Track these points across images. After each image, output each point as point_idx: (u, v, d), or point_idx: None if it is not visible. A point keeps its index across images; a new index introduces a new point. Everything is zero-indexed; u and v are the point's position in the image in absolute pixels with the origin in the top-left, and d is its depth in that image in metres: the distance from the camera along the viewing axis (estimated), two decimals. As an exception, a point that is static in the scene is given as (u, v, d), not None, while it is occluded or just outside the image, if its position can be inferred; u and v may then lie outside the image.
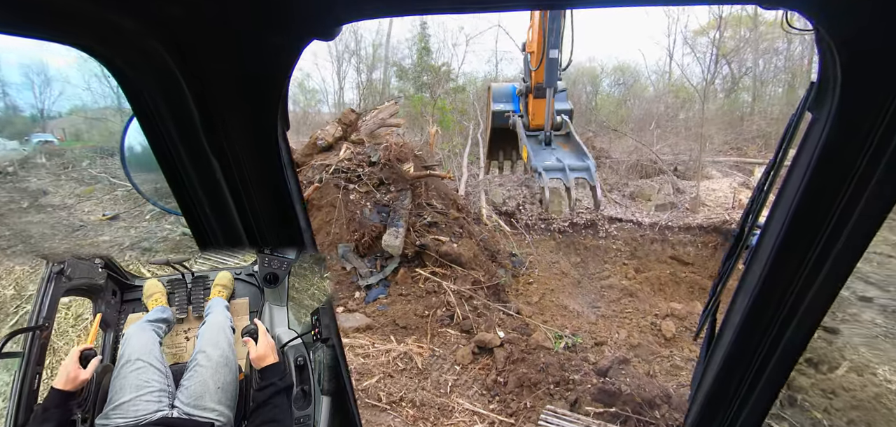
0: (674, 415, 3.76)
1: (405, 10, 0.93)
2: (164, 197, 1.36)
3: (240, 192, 1.04)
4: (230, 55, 0.85)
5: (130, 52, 0.83)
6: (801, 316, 1.12)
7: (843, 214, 0.96)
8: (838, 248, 1.00)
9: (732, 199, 11.28)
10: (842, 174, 0.91)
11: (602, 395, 3.91)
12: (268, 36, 0.83)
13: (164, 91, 0.88)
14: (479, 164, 12.02)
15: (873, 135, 0.84)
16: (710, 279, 8.83)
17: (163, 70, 0.83)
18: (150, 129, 0.94)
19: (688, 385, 4.17)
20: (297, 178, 1.12)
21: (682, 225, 10.04)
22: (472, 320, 5.52)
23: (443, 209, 7.88)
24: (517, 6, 0.96)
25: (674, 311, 6.15)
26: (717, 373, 1.35)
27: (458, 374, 4.83)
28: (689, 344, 5.27)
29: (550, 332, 5.17)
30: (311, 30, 0.83)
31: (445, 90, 14.89)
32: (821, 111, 0.89)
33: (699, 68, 22.12)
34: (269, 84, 0.89)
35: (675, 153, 14.87)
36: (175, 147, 0.96)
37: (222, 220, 1.09)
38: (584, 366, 4.42)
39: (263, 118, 0.93)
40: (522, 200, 10.95)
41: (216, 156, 0.97)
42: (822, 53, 0.82)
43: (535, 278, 7.81)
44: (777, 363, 1.23)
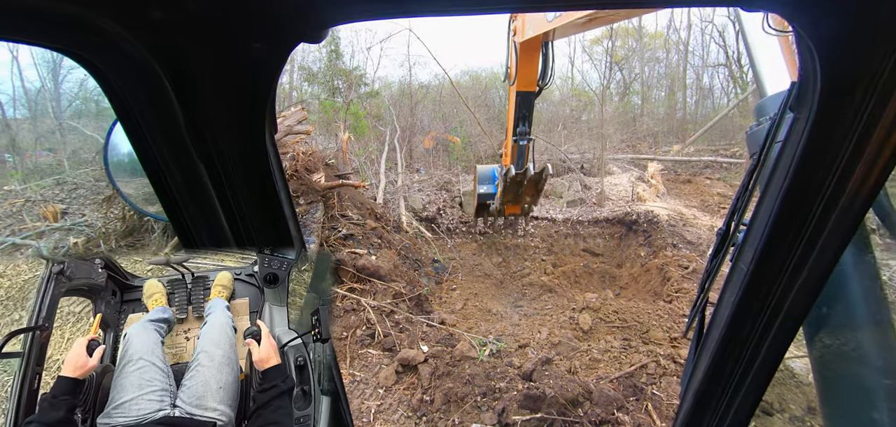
0: (595, 410, 3.81)
1: (393, 12, 0.87)
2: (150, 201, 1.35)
3: (227, 195, 1.03)
4: (216, 58, 0.83)
5: (114, 56, 0.81)
6: (787, 309, 1.16)
7: (825, 210, 0.98)
8: (822, 243, 1.03)
9: (631, 191, 12.33)
10: (823, 171, 0.93)
11: (528, 402, 3.84)
12: (255, 38, 0.81)
13: (148, 95, 0.87)
14: (397, 171, 11.72)
15: (853, 132, 0.85)
16: (617, 267, 9.50)
17: (147, 73, 0.82)
18: (134, 134, 0.93)
19: (607, 377, 4.29)
20: (285, 180, 1.12)
21: (591, 219, 10.71)
22: (395, 337, 5.19)
23: (359, 220, 7.44)
24: (503, 8, 0.92)
25: (589, 302, 6.41)
26: (706, 369, 1.39)
27: (381, 398, 4.48)
28: (605, 335, 5.50)
29: (475, 339, 5.04)
30: (298, 32, 0.82)
31: (359, 95, 14.34)
32: (802, 110, 0.92)
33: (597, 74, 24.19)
34: (256, 86, 0.88)
35: (581, 152, 15.96)
36: (160, 151, 0.95)
37: (209, 223, 1.08)
38: (510, 371, 4.34)
39: (251, 120, 0.93)
40: (443, 205, 10.87)
41: (202, 159, 0.96)
42: (801, 54, 0.85)
43: (459, 284, 7.71)
44: (765, 357, 1.27)
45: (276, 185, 1.05)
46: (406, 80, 17.14)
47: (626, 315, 5.95)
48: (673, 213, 10.56)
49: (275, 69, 0.86)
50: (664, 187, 13.23)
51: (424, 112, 17.52)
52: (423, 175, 13.03)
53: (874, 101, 0.81)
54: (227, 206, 1.05)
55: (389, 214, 9.20)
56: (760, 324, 1.21)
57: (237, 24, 0.79)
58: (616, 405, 3.86)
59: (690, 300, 6.20)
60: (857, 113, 0.83)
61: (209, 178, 0.99)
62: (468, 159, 14.19)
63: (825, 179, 0.94)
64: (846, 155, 0.89)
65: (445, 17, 1.44)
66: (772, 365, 1.29)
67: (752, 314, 1.21)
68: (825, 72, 0.81)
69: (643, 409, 3.89)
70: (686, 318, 5.82)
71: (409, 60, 16.24)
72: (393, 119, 14.16)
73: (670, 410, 3.86)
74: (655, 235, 9.24)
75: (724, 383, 1.38)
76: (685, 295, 6.44)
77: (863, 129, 0.85)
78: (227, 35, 0.80)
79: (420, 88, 17.83)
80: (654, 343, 5.17)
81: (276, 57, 0.84)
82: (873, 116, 0.82)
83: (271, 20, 0.79)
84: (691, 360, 1.50)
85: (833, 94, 0.83)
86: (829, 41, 0.77)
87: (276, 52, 0.83)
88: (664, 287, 7.12)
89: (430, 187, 11.77)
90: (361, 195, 9.04)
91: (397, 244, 7.96)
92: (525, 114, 6.18)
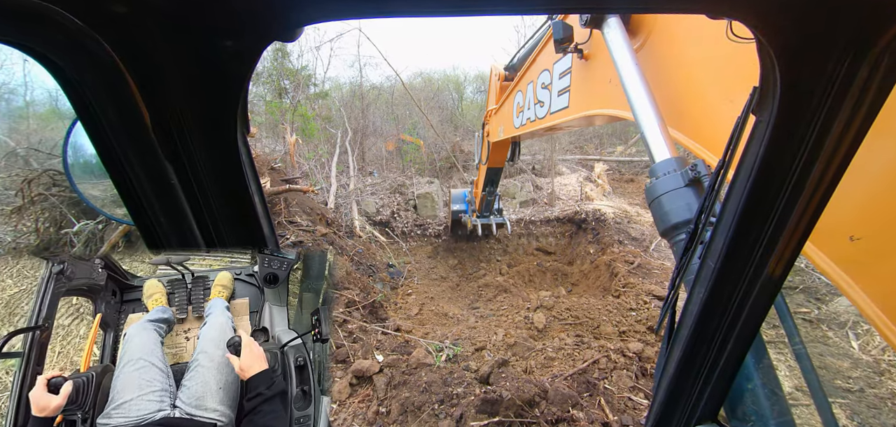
0: (551, 409, 3.85)
1: (369, 12, 0.84)
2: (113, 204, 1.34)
3: (197, 197, 1.01)
4: (186, 55, 0.80)
5: (74, 52, 0.76)
6: (752, 302, 1.21)
7: (785, 208, 1.03)
8: (782, 240, 1.08)
9: (580, 191, 12.80)
10: (783, 172, 0.98)
11: (485, 406, 3.81)
12: (226, 36, 0.79)
13: (111, 93, 0.83)
14: (349, 174, 11.39)
15: (811, 132, 0.90)
16: (569, 264, 9.80)
17: (110, 71, 0.78)
18: (96, 134, 0.88)
19: (561, 375, 4.36)
20: (259, 181, 1.10)
21: (543, 218, 10.98)
22: (348, 348, 4.99)
23: (308, 226, 7.12)
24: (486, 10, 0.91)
25: (542, 301, 6.53)
26: (678, 362, 1.43)
27: (335, 413, 4.26)
28: (559, 332, 5.61)
29: (432, 345, 4.95)
30: (271, 31, 0.80)
31: (307, 96, 13.80)
32: (763, 114, 0.96)
33: (545, 77, 24.84)
34: (227, 84, 0.86)
35: (531, 153, 16.36)
36: (124, 151, 0.91)
37: (178, 225, 1.04)
38: (467, 376, 4.29)
39: (222, 119, 0.91)
40: (397, 208, 10.69)
41: (170, 159, 0.94)
42: (762, 60, 0.88)
43: (414, 288, 7.59)
44: (733, 348, 1.32)
45: (248, 185, 1.03)
46: (357, 81, 16.75)
47: (578, 312, 6.12)
48: (618, 211, 11.07)
49: (247, 68, 0.84)
50: (610, 186, 13.88)
51: (377, 114, 17.21)
52: (376, 178, 12.76)
53: (830, 104, 0.85)
54: (196, 208, 1.03)
55: (341, 219, 8.90)
56: (728, 317, 1.27)
57: (208, 19, 0.76)
58: (571, 402, 3.92)
59: (636, 294, 6.49)
60: (815, 115, 0.88)
61: (177, 178, 0.96)
62: (422, 161, 14.09)
63: (786, 178, 0.99)
64: (805, 154, 0.94)
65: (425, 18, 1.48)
66: (739, 356, 1.35)
67: (720, 308, 1.27)
68: (784, 77, 0.85)
69: (596, 403, 3.98)
70: (633, 312, 6.09)
71: (359, 61, 15.86)
72: (344, 121, 13.76)
73: (621, 403, 3.98)
74: (603, 233, 9.63)
75: (694, 375, 1.44)
76: (631, 289, 6.73)
77: (820, 130, 0.90)
78: (196, 32, 0.77)
79: (371, 90, 17.49)
80: (605, 337, 5.34)
81: (248, 56, 0.81)
82: (829, 118, 0.87)
83: (245, 17, 0.77)
84: (663, 354, 1.54)
85: (792, 97, 0.88)
86: (788, 49, 0.82)
87: (249, 51, 0.81)
88: (612, 282, 7.41)
89: (384, 190, 11.55)
90: (311, 200, 8.67)
91: (350, 250, 7.70)
92: (493, 178, 7.96)
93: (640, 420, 3.79)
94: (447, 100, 23.29)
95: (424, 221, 10.66)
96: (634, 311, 6.05)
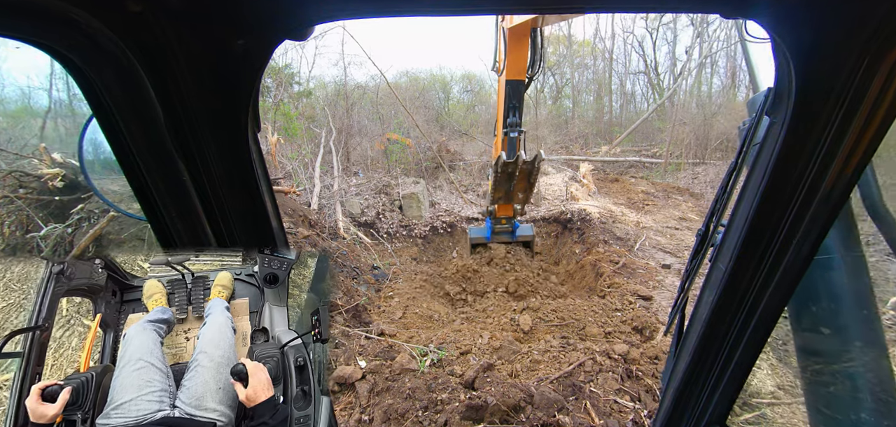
0: (536, 414, 3.79)
1: (379, 11, 0.84)
2: (127, 201, 1.36)
3: (208, 194, 1.02)
4: (199, 54, 0.81)
5: (91, 51, 0.77)
6: (764, 306, 1.19)
7: (799, 211, 1.01)
8: (796, 242, 1.06)
9: (565, 191, 12.84)
10: (798, 174, 0.96)
11: (470, 412, 3.73)
12: (238, 35, 0.79)
13: (126, 91, 0.84)
14: (333, 174, 11.20)
15: (826, 135, 0.87)
16: (555, 264, 9.79)
17: (126, 69, 0.80)
18: (112, 131, 0.90)
19: (547, 378, 4.31)
20: (268, 178, 1.10)
21: (529, 218, 10.96)
22: (330, 354, 4.86)
23: (291, 228, 6.94)
24: (490, 10, 0.91)
25: (529, 302, 6.48)
26: (687, 365, 1.42)
27: (314, 421, 4.14)
28: (545, 334, 5.57)
29: (416, 350, 4.85)
30: (283, 30, 0.81)
31: (290, 95, 13.55)
32: (777, 115, 0.94)
33: (531, 78, 24.97)
34: (239, 83, 0.86)
35: (518, 153, 16.34)
36: (139, 149, 0.92)
37: (190, 222, 1.05)
38: (452, 381, 4.21)
39: (233, 117, 0.91)
40: (382, 209, 10.55)
41: (183, 157, 0.94)
42: (778, 61, 0.87)
43: (398, 290, 7.47)
44: (744, 352, 1.30)
45: (259, 183, 1.05)
46: (341, 80, 16.51)
47: (564, 313, 6.09)
48: (603, 211, 11.13)
49: (258, 66, 0.85)
50: (595, 186, 13.96)
51: (362, 113, 17.00)
52: (361, 178, 12.59)
53: (846, 106, 0.82)
54: (208, 205, 1.04)
55: (325, 221, 8.73)
56: (739, 321, 1.26)
57: (220, 20, 0.78)
58: (556, 407, 3.87)
59: (622, 294, 6.49)
60: (830, 117, 0.85)
61: (190, 176, 0.98)
62: (407, 161, 13.96)
63: (800, 181, 0.98)
64: (819, 157, 0.92)
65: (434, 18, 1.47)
66: (749, 362, 1.33)
67: (730, 312, 1.26)
68: (800, 78, 0.83)
69: (582, 407, 3.94)
70: (618, 312, 6.08)
71: (343, 60, 15.62)
72: (328, 120, 13.54)
73: (607, 407, 3.94)
74: (588, 233, 9.65)
75: (703, 380, 1.42)
76: (617, 289, 6.73)
77: (835, 133, 0.87)
78: (209, 31, 0.79)
79: (356, 89, 17.27)
80: (591, 339, 5.32)
81: (259, 54, 0.82)
82: (845, 120, 0.84)
83: (257, 17, 0.78)
84: (672, 358, 1.52)
85: (807, 99, 0.86)
86: (803, 49, 0.80)
87: (260, 50, 0.82)
88: (598, 282, 7.41)
89: (369, 191, 11.39)
90: (294, 201, 8.48)
91: (334, 252, 7.55)
92: (515, 104, 6.28)
93: (626, 423, 3.76)
94: (433, 99, 23.17)
95: (410, 222, 10.54)
96: (619, 312, 6.05)
